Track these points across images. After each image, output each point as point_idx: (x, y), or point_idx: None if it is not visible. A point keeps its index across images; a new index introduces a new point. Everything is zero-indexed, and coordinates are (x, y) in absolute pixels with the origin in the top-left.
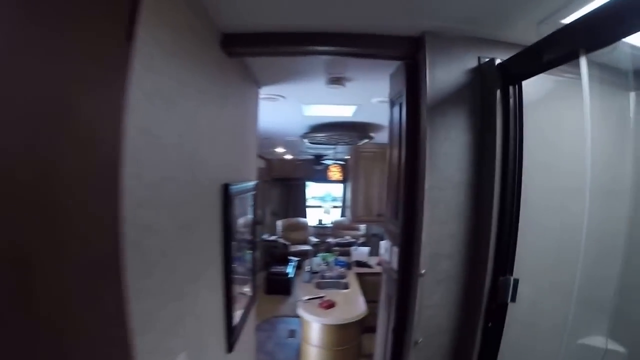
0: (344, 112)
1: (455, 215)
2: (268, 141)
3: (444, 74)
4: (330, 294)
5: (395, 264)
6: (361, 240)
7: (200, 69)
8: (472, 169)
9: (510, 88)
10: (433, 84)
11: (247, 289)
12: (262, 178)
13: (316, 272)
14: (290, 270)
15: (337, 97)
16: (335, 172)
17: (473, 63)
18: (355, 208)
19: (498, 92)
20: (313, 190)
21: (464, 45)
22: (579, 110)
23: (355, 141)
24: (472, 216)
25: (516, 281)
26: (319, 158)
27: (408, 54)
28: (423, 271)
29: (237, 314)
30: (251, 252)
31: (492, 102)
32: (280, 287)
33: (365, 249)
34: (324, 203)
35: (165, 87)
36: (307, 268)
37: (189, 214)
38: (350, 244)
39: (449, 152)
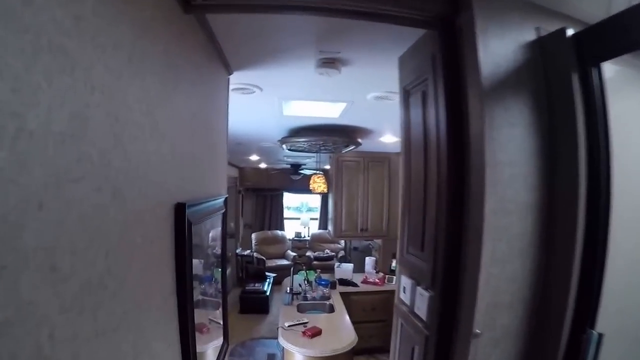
0: (330, 111)
1: (519, 251)
2: (241, 147)
3: (499, 45)
4: (314, 319)
5: (424, 313)
6: (341, 254)
7: (135, 23)
8: (543, 185)
9: (591, 71)
10: (487, 59)
11: (216, 315)
12: (234, 188)
13: (297, 293)
14: (266, 287)
15: (326, 90)
16: (319, 184)
17: (530, 35)
18: (338, 222)
19: (574, 75)
20: (288, 200)
21: (518, 9)
22: None
23: (339, 148)
24: (541, 252)
25: (600, 337)
26: (296, 168)
27: (443, 16)
28: (479, 331)
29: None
30: (219, 270)
31: (565, 90)
32: (256, 305)
33: (349, 266)
34: (300, 214)
35: (49, 29)
36: (286, 289)
37: (101, 264)
38: (329, 258)
39: (514, 161)
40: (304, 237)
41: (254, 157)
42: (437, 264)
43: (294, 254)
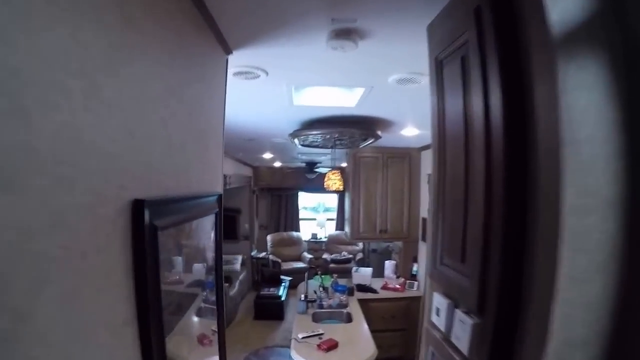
0: (346, 100)
1: (599, 266)
2: (253, 144)
3: None
4: (330, 330)
5: (465, 346)
6: (359, 256)
7: None
8: (628, 172)
9: None
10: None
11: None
12: (248, 188)
13: (312, 301)
14: (282, 292)
15: (341, 72)
16: (334, 181)
17: None
18: (355, 224)
19: None
20: (304, 200)
21: None
22: None
23: (357, 142)
24: (624, 267)
25: None
26: (311, 166)
27: None
28: None
29: None
30: (216, 281)
31: None
32: (271, 311)
33: (368, 270)
34: (316, 214)
35: None
36: (301, 296)
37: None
38: (347, 261)
39: (593, 138)
40: (321, 238)
41: (268, 155)
42: (487, 282)
43: (310, 256)
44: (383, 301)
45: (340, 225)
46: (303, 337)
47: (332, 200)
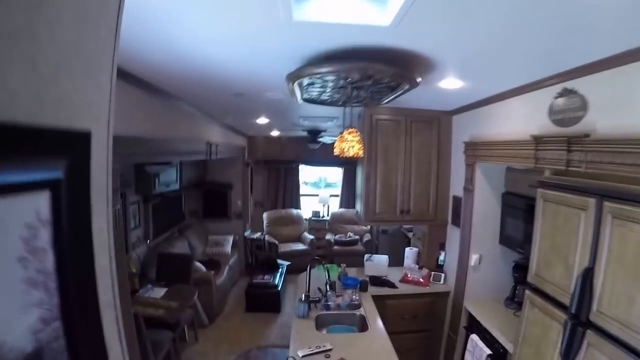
0: (376, 16)
1: None
2: (243, 102)
3: None
4: (340, 342)
5: None
6: (367, 237)
7: None
8: None
9: None
10: None
11: None
12: (242, 159)
13: (316, 301)
14: (278, 279)
15: None
16: (352, 144)
17: None
18: (370, 203)
19: None
20: (304, 174)
21: None
22: None
23: (382, 92)
24: None
25: None
26: (314, 135)
27: None
28: None
29: None
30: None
31: None
32: (265, 302)
33: (383, 259)
34: (318, 190)
35: None
36: (301, 295)
37: None
38: (353, 242)
39: None
40: (323, 217)
41: (263, 120)
42: None
43: (312, 237)
44: (403, 298)
45: (345, 203)
46: (304, 356)
47: (335, 174)
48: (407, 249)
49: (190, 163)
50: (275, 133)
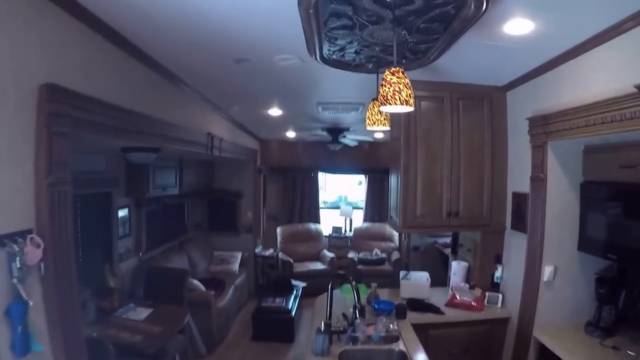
0: None
1: None
2: (245, 73)
3: None
4: None
5: None
6: (395, 256)
7: None
8: None
9: None
10: None
11: None
12: (253, 164)
13: (339, 332)
14: (291, 303)
15: None
16: (399, 86)
17: None
18: (409, 204)
19: None
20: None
21: None
22: None
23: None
24: None
25: None
26: (335, 134)
27: None
28: None
29: None
30: None
31: None
32: (275, 330)
33: (423, 276)
34: (343, 206)
35: None
36: (320, 323)
37: None
38: (380, 261)
39: None
40: (345, 233)
41: (276, 112)
42: None
43: (332, 255)
44: (451, 326)
45: (370, 216)
46: None
47: (357, 192)
48: (453, 263)
49: (193, 166)
50: (291, 134)
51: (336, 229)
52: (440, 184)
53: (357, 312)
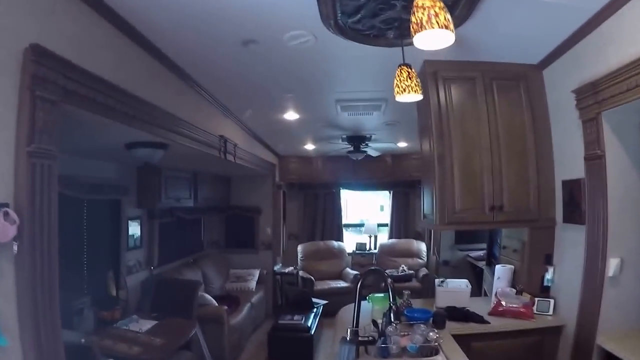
0: None
1: None
2: (256, 62)
3: None
4: None
5: None
6: (423, 272)
7: None
8: None
9: None
10: None
11: None
12: (271, 179)
13: (368, 342)
14: (310, 321)
15: None
16: (435, 9)
17: None
18: (447, 197)
19: None
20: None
21: None
22: None
23: None
24: None
25: None
26: (357, 143)
27: None
28: None
29: None
30: None
31: None
32: (293, 349)
33: (462, 283)
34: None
35: None
36: (346, 330)
37: None
38: (407, 277)
39: None
40: (369, 250)
41: (292, 115)
42: None
43: (355, 272)
44: (496, 337)
45: (395, 232)
46: None
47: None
48: (497, 267)
49: (209, 181)
50: (310, 147)
51: (360, 246)
52: (480, 174)
53: (391, 315)
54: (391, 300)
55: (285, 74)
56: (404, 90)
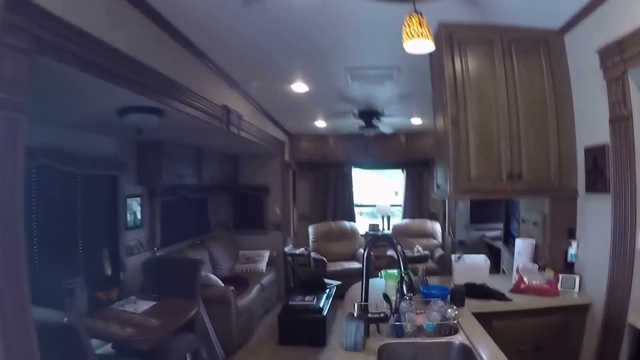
0: None
1: None
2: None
3: None
4: None
5: None
6: (439, 252)
7: None
8: None
9: None
10: None
11: None
12: (280, 157)
13: (379, 319)
14: (323, 302)
15: None
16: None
17: None
18: (462, 163)
19: None
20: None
21: None
22: None
23: None
24: None
25: None
26: (368, 117)
27: None
28: None
29: None
30: None
31: None
32: (305, 331)
33: (479, 259)
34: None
35: None
36: (353, 305)
37: None
38: (422, 258)
39: None
40: (383, 231)
41: (300, 87)
42: None
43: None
44: (520, 316)
45: (409, 213)
46: None
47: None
48: (517, 241)
49: (216, 158)
50: (320, 124)
51: (373, 227)
52: (497, 139)
53: (405, 290)
54: (402, 270)
55: (292, 37)
56: (413, 36)
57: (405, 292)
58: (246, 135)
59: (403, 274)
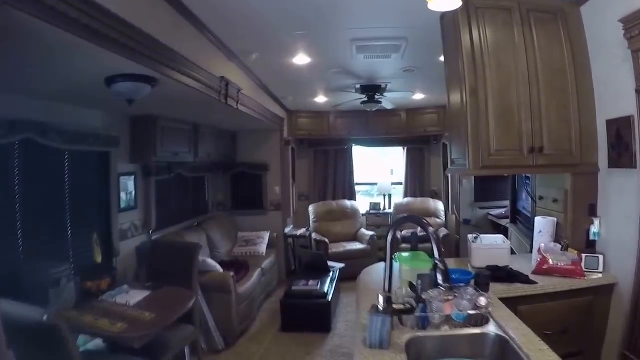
0: None
1: None
2: None
3: None
4: None
5: None
6: (443, 232)
7: None
8: None
9: None
10: None
11: None
12: (279, 134)
13: (404, 311)
14: (327, 286)
15: None
16: None
17: None
18: (482, 135)
19: None
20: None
21: None
22: None
23: None
24: None
25: None
26: (371, 92)
27: None
28: None
29: None
30: None
31: None
32: (309, 317)
33: (497, 238)
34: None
35: None
36: (378, 300)
37: None
38: (427, 239)
39: None
40: (384, 210)
41: (303, 59)
42: None
43: (371, 233)
44: (546, 299)
45: (411, 191)
46: None
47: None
48: (537, 219)
49: (213, 135)
50: (321, 100)
51: (374, 206)
52: (518, 111)
53: (437, 275)
54: (437, 256)
55: (295, 5)
56: None
57: (441, 281)
58: (244, 110)
59: (437, 261)
